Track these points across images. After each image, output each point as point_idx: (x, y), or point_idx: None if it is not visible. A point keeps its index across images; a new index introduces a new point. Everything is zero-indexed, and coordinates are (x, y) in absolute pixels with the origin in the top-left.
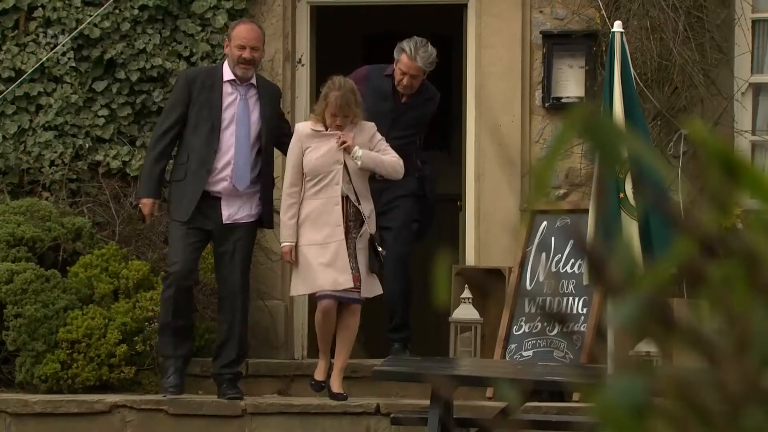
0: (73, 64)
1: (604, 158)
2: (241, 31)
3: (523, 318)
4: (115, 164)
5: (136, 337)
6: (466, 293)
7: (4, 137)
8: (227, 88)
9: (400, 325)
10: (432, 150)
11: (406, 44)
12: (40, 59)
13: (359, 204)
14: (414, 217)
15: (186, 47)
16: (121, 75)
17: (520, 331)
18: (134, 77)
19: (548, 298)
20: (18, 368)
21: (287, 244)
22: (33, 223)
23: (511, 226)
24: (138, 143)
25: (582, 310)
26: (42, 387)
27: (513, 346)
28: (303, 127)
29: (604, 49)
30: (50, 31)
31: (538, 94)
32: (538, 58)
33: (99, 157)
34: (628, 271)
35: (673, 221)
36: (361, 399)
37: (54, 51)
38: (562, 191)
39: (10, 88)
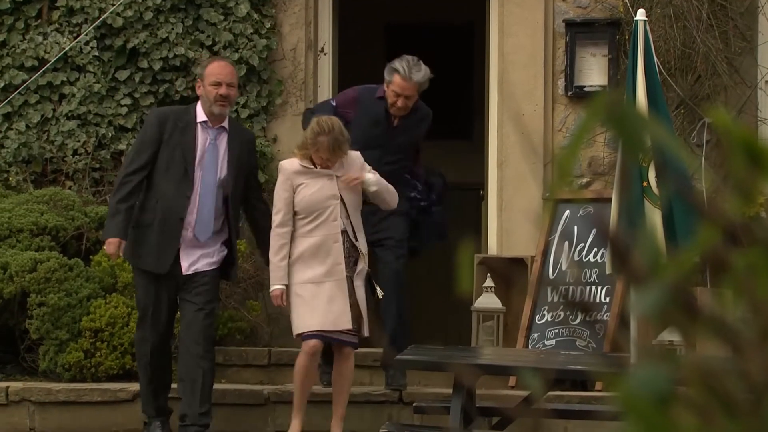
0: (96, 54)
1: (627, 147)
2: (215, 68)
3: (546, 307)
4: None
5: None
6: (489, 282)
7: (27, 126)
8: (199, 130)
9: (392, 334)
10: (454, 139)
11: (398, 64)
12: (63, 48)
13: (356, 240)
14: (407, 235)
15: (208, 36)
16: (144, 64)
17: (543, 320)
18: (157, 66)
19: (571, 287)
20: (41, 357)
21: (278, 287)
22: (56, 212)
23: (533, 215)
24: None
25: (605, 299)
26: (65, 375)
27: (535, 335)
28: (290, 164)
29: (627, 37)
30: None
31: (561, 82)
32: (560, 46)
33: (122, 146)
34: (652, 260)
35: (696, 210)
36: (384, 387)
37: (77, 40)
38: (585, 180)
39: (33, 78)
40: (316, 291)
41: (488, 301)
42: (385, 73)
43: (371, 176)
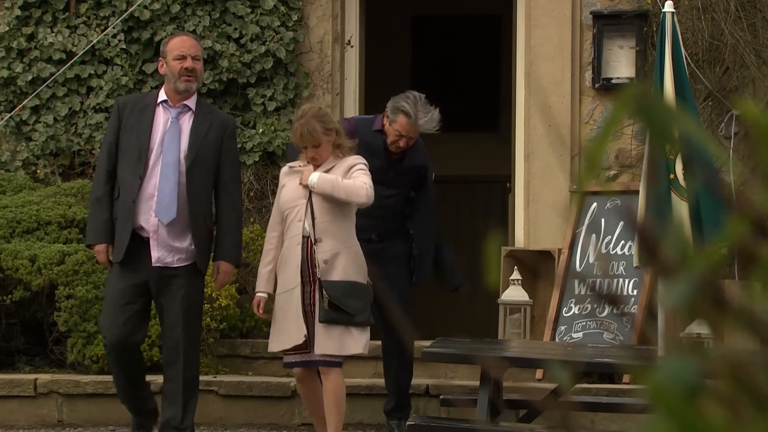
0: (124, 46)
1: (655, 139)
2: (178, 42)
3: (573, 299)
4: None
5: None
6: (516, 275)
7: (55, 119)
8: (159, 112)
9: (399, 404)
10: (480, 131)
11: (406, 104)
12: (91, 41)
13: (314, 244)
14: (409, 285)
15: (235, 29)
16: None
17: (570, 313)
18: None
19: (598, 280)
20: (69, 349)
21: (257, 294)
22: (84, 204)
23: (561, 208)
24: None
25: (632, 292)
26: (93, 368)
27: (563, 327)
28: (286, 165)
29: (654, 29)
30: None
31: (588, 74)
32: (588, 38)
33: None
34: (680, 252)
35: (724, 202)
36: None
37: (104, 33)
38: (612, 172)
39: (61, 71)
40: (281, 303)
41: (515, 293)
42: (389, 110)
43: (315, 177)
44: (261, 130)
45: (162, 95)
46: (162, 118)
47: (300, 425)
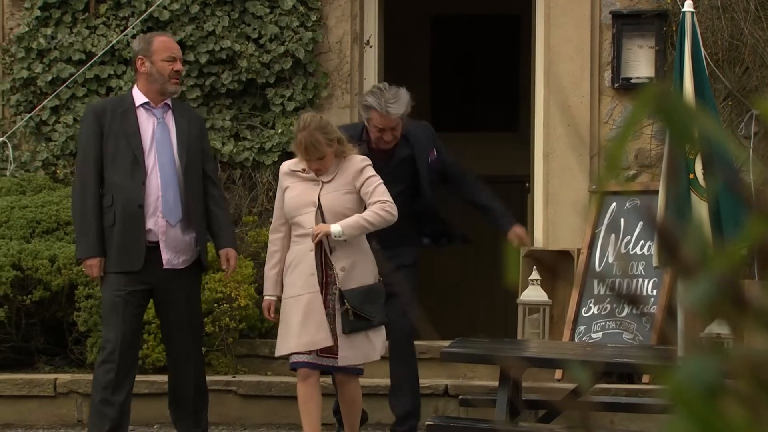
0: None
1: (675, 138)
2: (166, 43)
3: (592, 299)
4: None
5: (205, 318)
6: (535, 275)
7: (74, 120)
8: (141, 114)
9: (405, 414)
10: (499, 131)
11: (372, 99)
12: (111, 42)
13: (330, 253)
14: (416, 286)
15: (254, 29)
16: (190, 57)
17: (589, 313)
18: (203, 59)
19: (618, 280)
20: (89, 349)
21: (267, 298)
22: None
23: (580, 207)
24: (207, 125)
25: (652, 292)
26: None
27: (582, 327)
28: (285, 164)
29: (674, 29)
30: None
31: (608, 74)
32: (607, 38)
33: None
34: (700, 252)
35: (744, 201)
36: (430, 380)
37: (124, 33)
38: (631, 172)
39: (80, 71)
40: (293, 307)
41: (534, 293)
42: (361, 110)
43: (337, 228)
44: (280, 130)
45: (140, 97)
46: (146, 119)
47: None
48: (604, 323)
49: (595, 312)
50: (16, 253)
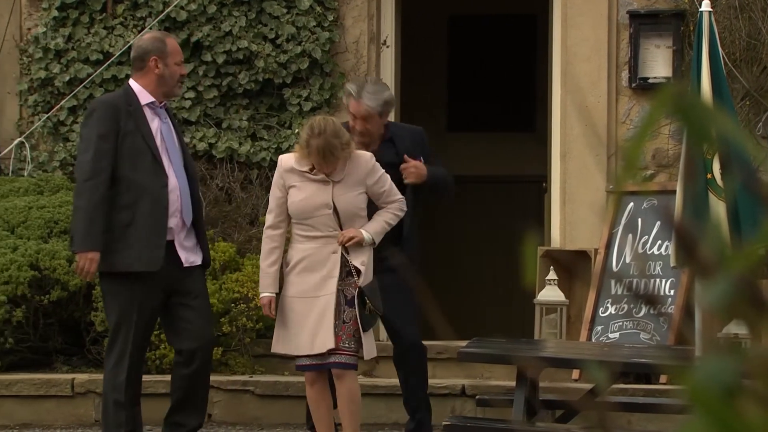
0: None
1: (692, 138)
2: (176, 46)
3: (610, 299)
4: (202, 146)
5: (222, 318)
6: (552, 275)
7: None
8: (148, 113)
9: (418, 426)
10: (516, 131)
11: (352, 86)
12: (128, 42)
13: (348, 253)
14: (410, 295)
15: (271, 29)
16: (208, 57)
17: (606, 313)
18: (220, 60)
19: (635, 280)
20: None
21: (266, 295)
22: None
23: (597, 207)
24: (224, 125)
25: (669, 292)
26: None
27: (599, 327)
28: (286, 160)
29: (692, 28)
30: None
31: (625, 74)
32: (624, 38)
33: (185, 140)
34: (718, 252)
35: (762, 201)
36: (447, 380)
37: (141, 34)
38: (649, 172)
39: (98, 71)
40: (304, 308)
41: (551, 293)
42: (344, 97)
43: (367, 235)
44: (297, 131)
45: (146, 96)
46: (152, 119)
47: (338, 424)
48: (621, 323)
49: (613, 312)
50: (34, 253)
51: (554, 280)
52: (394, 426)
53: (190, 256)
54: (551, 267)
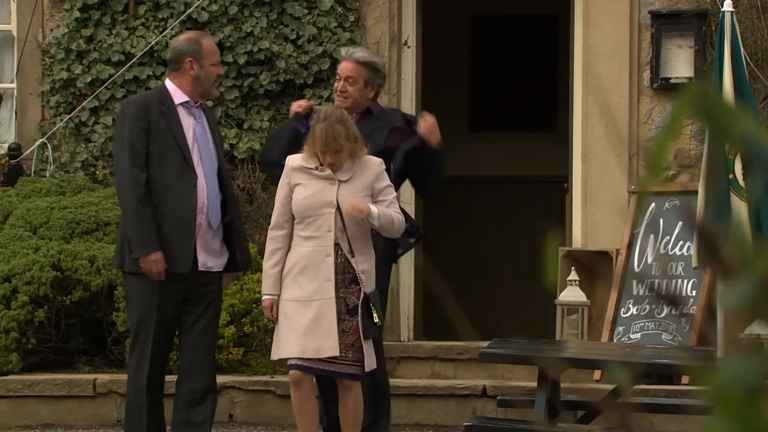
0: None
1: (714, 138)
2: (212, 47)
3: (631, 300)
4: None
5: (243, 318)
6: (573, 275)
7: (114, 120)
8: (182, 112)
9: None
10: (538, 131)
11: (343, 48)
12: (149, 43)
13: (352, 256)
14: (386, 285)
15: (293, 30)
16: (229, 58)
17: (628, 314)
18: (242, 60)
19: (657, 280)
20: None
21: (268, 297)
22: None
23: (619, 208)
24: (245, 126)
25: (691, 292)
26: None
27: (621, 328)
28: (293, 159)
29: (713, 28)
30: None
31: (647, 74)
32: (646, 38)
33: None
34: (740, 252)
35: None
36: (468, 381)
37: (163, 35)
38: (671, 172)
39: (119, 72)
40: (301, 312)
41: (573, 294)
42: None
43: (375, 210)
44: None
45: (180, 95)
46: (186, 119)
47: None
48: (643, 324)
49: (634, 313)
50: (56, 254)
51: (575, 280)
52: (415, 426)
53: (209, 260)
54: (572, 267)
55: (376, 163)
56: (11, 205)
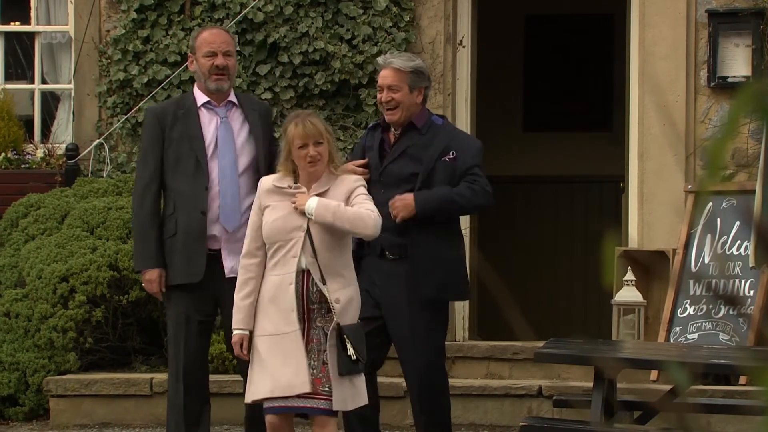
0: (237, 48)
1: None
2: (207, 37)
3: (688, 300)
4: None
5: None
6: (630, 275)
7: None
8: (203, 114)
9: None
10: (593, 130)
11: (379, 58)
12: None
13: (323, 284)
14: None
15: (348, 30)
16: (284, 58)
17: (685, 314)
18: (297, 60)
19: (714, 280)
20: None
21: (238, 332)
22: None
23: (676, 207)
24: None
25: (749, 292)
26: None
27: (677, 328)
28: (265, 180)
29: None
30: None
31: (704, 73)
32: (703, 36)
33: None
34: None
35: None
36: (523, 381)
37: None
38: (728, 171)
39: (176, 73)
40: (272, 349)
41: (629, 294)
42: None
43: (311, 203)
44: None
45: (201, 96)
46: (209, 120)
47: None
48: (700, 324)
49: (691, 313)
50: (113, 254)
51: (632, 280)
52: (471, 426)
53: (236, 265)
54: (629, 267)
55: (351, 179)
56: (69, 205)
